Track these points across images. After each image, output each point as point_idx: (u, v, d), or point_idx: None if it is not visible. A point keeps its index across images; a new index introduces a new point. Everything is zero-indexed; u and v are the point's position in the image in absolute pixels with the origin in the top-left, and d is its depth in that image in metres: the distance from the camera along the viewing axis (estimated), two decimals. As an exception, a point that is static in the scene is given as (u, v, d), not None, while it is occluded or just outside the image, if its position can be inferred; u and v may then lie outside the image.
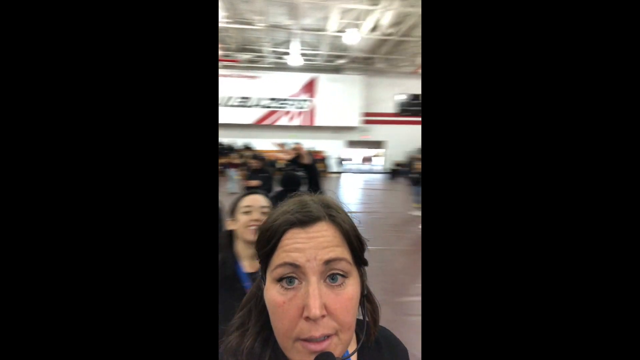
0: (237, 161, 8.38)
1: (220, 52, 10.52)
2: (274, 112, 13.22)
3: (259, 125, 13.22)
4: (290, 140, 12.11)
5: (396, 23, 8.78)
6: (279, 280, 0.38)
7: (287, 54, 11.19)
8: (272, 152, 11.72)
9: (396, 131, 13.52)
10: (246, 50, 11.50)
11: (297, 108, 13.29)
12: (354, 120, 13.51)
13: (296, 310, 0.36)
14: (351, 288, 0.39)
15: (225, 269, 0.98)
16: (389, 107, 13.74)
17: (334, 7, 7.89)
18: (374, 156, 15.30)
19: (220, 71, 12.15)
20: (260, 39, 10.48)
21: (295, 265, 0.37)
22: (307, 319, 0.35)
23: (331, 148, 13.48)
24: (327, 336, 0.37)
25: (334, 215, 0.41)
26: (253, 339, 0.42)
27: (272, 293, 0.38)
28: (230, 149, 11.32)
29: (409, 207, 6.27)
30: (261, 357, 0.41)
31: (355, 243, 0.41)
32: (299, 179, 2.68)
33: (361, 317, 0.44)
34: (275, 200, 1.02)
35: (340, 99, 13.20)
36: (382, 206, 7.42)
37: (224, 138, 12.32)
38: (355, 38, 9.15)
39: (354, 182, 11.72)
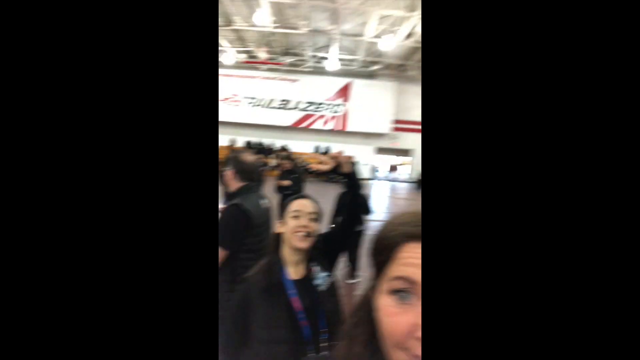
0: (273, 162, 8.65)
1: (265, 56, 11.40)
2: (310, 116, 13.94)
3: (295, 128, 13.93)
4: (327, 144, 12.46)
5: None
6: (393, 292, 0.37)
7: (325, 58, 11.92)
8: (307, 154, 12.45)
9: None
10: (289, 54, 12.40)
11: (332, 112, 13.89)
12: (385, 126, 13.82)
13: (409, 325, 0.35)
14: None
15: (270, 275, 0.95)
16: (419, 115, 13.65)
17: (373, 12, 8.46)
18: (400, 164, 15.41)
19: (264, 74, 13.21)
20: (302, 43, 11.33)
21: (411, 281, 0.36)
22: (419, 339, 0.34)
23: (361, 154, 13.76)
24: None
25: None
26: (362, 347, 0.41)
27: (385, 303, 0.37)
28: (269, 150, 12.03)
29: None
30: None
31: None
32: (367, 206, 2.64)
33: None
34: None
35: (373, 105, 13.61)
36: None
37: (265, 139, 13.15)
38: (390, 44, 9.60)
39: (380, 190, 11.81)
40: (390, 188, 12.57)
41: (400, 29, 9.21)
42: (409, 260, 0.37)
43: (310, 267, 0.99)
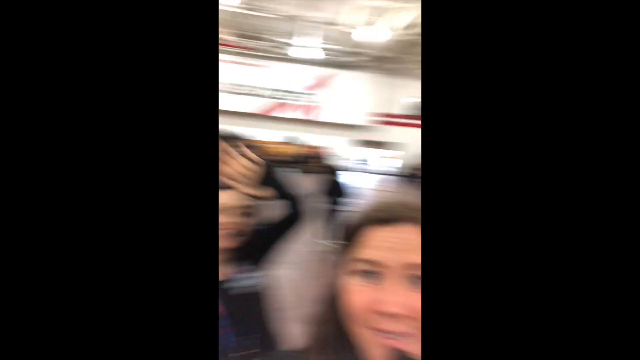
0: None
1: (233, 39, 10.45)
2: (283, 104, 13.16)
3: (265, 116, 13.14)
4: (299, 134, 12.25)
5: (412, 24, 8.66)
6: (358, 273, 0.38)
7: (300, 46, 11.14)
8: (276, 143, 11.76)
9: (412, 134, 13.37)
10: (260, 38, 11.46)
11: (306, 102, 13.21)
12: (362, 119, 13.43)
13: (371, 302, 0.35)
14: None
15: None
16: (399, 108, 13.59)
17: (352, 2, 7.82)
18: (387, 158, 15.00)
19: (233, 57, 12.10)
20: (274, 27, 10.43)
21: (375, 263, 0.36)
22: (382, 314, 0.35)
23: (338, 145, 13.39)
24: (401, 335, 0.35)
25: (416, 217, 0.39)
26: (327, 329, 0.42)
27: (348, 282, 0.38)
28: (233, 138, 11.23)
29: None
30: (335, 347, 0.41)
31: None
32: (342, 188, 2.69)
33: None
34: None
35: (351, 96, 13.10)
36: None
37: (230, 126, 12.23)
38: (370, 35, 9.09)
39: (365, 182, 11.47)
40: (377, 180, 12.33)
41: (381, 20, 8.66)
42: (373, 243, 0.38)
43: (240, 267, 0.91)
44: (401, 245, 0.37)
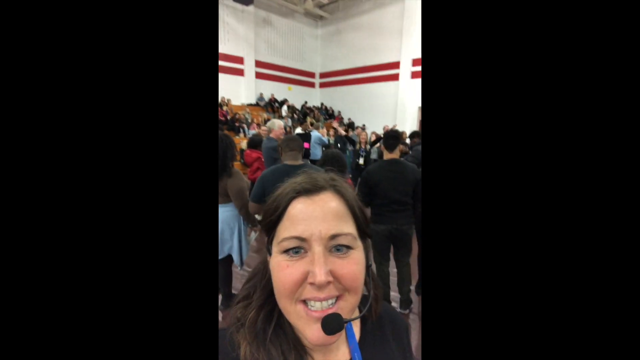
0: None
1: None
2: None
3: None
4: None
5: None
6: (285, 251, 0.38)
7: None
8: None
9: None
10: None
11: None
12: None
13: (301, 274, 0.36)
14: (357, 255, 0.39)
15: None
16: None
17: None
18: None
19: None
20: None
21: (301, 239, 0.37)
22: (312, 284, 0.36)
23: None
24: (333, 303, 0.37)
25: (339, 186, 0.42)
26: (256, 312, 0.42)
27: (277, 260, 0.38)
28: None
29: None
30: (264, 329, 0.41)
31: (359, 215, 0.42)
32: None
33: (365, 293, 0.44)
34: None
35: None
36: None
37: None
38: None
39: None
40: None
41: None
42: (299, 217, 0.38)
43: None
44: (322, 216, 0.38)
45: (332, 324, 0.36)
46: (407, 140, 4.64)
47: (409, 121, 11.04)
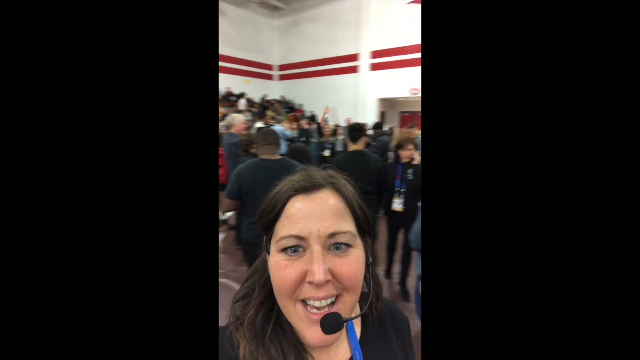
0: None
1: None
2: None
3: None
4: None
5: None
6: (284, 250, 0.38)
7: None
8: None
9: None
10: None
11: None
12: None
13: (299, 274, 0.36)
14: (356, 254, 0.38)
15: None
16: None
17: None
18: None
19: None
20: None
21: (299, 237, 0.37)
22: (311, 283, 0.36)
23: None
24: (332, 302, 0.37)
25: (338, 184, 0.41)
26: (255, 310, 0.41)
27: (276, 259, 0.38)
28: None
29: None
30: (263, 328, 0.40)
31: (359, 213, 0.41)
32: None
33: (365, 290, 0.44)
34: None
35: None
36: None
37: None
38: None
39: None
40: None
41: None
42: (297, 215, 0.38)
43: None
44: (320, 214, 0.37)
45: (331, 324, 0.36)
46: (371, 132, 4.74)
47: (369, 113, 11.28)
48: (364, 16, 11.11)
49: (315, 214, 0.37)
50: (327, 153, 5.14)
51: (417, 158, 2.44)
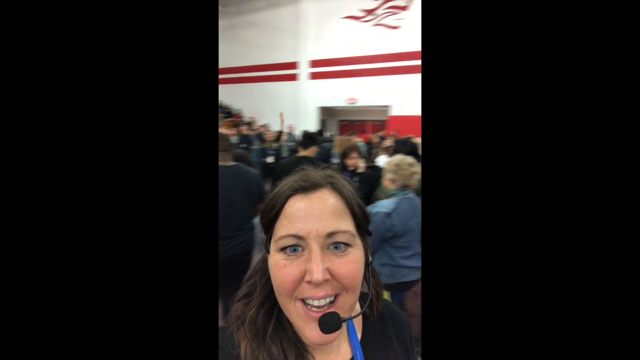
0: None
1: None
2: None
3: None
4: None
5: None
6: (283, 249, 0.38)
7: None
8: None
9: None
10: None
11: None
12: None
13: (298, 273, 0.36)
14: (356, 253, 0.38)
15: None
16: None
17: None
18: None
19: None
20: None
21: (298, 237, 0.37)
22: (310, 282, 0.36)
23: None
24: (331, 302, 0.37)
25: (337, 183, 0.41)
26: (256, 309, 0.42)
27: (275, 259, 0.38)
28: None
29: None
30: (264, 327, 0.40)
31: (358, 212, 0.41)
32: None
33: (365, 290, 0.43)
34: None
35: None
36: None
37: None
38: None
39: None
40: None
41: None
42: (296, 215, 0.38)
43: None
44: (319, 213, 0.37)
45: (329, 323, 0.35)
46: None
47: (310, 121, 11.41)
48: (303, 25, 11.29)
49: (314, 213, 0.37)
50: (270, 160, 5.01)
51: (362, 165, 2.48)
